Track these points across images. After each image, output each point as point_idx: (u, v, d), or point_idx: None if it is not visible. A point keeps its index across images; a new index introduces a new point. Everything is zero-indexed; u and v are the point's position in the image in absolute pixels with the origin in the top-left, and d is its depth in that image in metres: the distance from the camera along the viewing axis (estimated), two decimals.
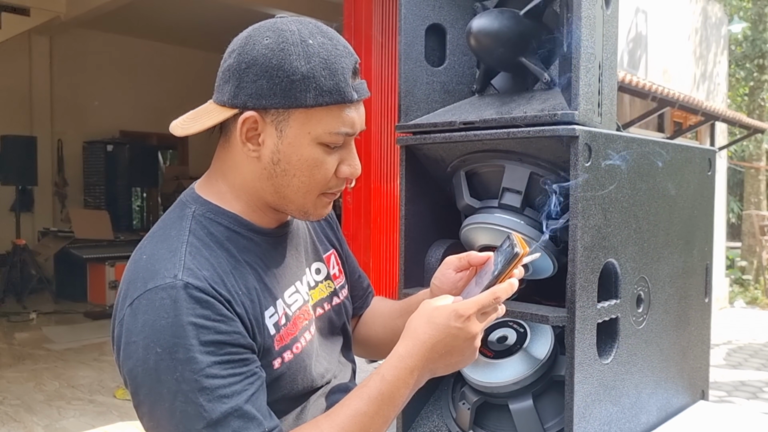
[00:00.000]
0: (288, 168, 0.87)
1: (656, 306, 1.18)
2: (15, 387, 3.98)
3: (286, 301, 0.94)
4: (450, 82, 1.23)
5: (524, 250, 0.85)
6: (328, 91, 0.83)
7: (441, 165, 1.19)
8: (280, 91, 0.82)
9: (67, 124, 7.87)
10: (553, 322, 1.00)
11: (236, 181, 0.91)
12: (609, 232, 1.04)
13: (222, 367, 0.78)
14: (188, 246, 0.84)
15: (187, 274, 0.80)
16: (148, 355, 0.77)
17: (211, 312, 0.79)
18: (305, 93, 0.82)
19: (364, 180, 3.23)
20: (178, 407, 0.76)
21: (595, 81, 1.06)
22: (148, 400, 0.78)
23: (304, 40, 0.84)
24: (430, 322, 0.83)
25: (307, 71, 0.82)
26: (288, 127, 0.85)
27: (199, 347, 0.76)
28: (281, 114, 0.84)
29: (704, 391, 1.38)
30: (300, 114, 0.84)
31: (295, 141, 0.85)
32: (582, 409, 0.99)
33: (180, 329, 0.76)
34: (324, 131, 0.85)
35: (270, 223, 0.96)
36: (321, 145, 0.86)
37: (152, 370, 0.76)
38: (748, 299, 8.92)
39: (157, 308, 0.78)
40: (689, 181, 1.29)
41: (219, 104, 0.87)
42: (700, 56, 7.77)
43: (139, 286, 0.80)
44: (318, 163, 0.87)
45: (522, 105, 1.08)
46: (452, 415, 1.18)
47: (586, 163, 0.98)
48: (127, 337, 0.79)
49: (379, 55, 3.16)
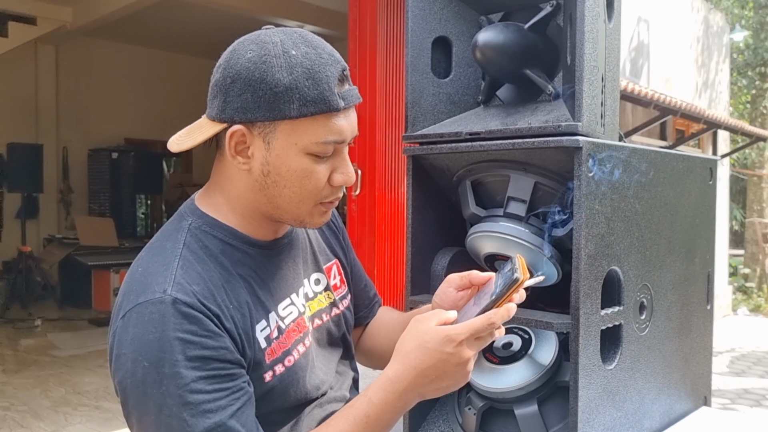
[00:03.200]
0: (278, 179, 0.87)
1: (659, 313, 1.20)
2: (21, 393, 4.00)
3: (279, 314, 0.94)
4: (456, 93, 1.25)
5: (525, 276, 0.83)
6: (312, 101, 0.83)
7: (447, 174, 1.22)
8: (264, 104, 0.83)
9: (73, 132, 7.93)
10: (557, 329, 1.02)
11: (232, 194, 0.92)
12: (612, 240, 1.06)
13: (207, 382, 0.79)
14: (181, 260, 0.85)
15: (176, 289, 0.81)
16: (136, 368, 0.78)
17: (198, 327, 0.80)
18: (289, 104, 0.82)
19: (369, 188, 3.26)
20: (163, 420, 0.77)
21: (598, 93, 1.09)
22: (136, 412, 0.80)
23: (287, 51, 0.84)
24: (422, 346, 0.82)
25: (290, 82, 0.82)
26: (275, 138, 0.85)
27: (184, 362, 0.78)
28: (267, 126, 0.84)
29: (707, 398, 1.40)
30: (286, 125, 0.84)
31: (282, 152, 0.85)
32: (586, 415, 1.01)
33: (166, 344, 0.78)
34: (311, 141, 0.85)
35: (267, 235, 0.96)
36: (309, 155, 0.86)
37: (139, 383, 0.78)
38: (751, 307, 8.90)
39: (145, 322, 0.79)
40: (691, 190, 1.31)
41: (209, 119, 0.88)
42: (702, 65, 7.80)
43: (132, 299, 0.82)
44: (307, 173, 0.87)
45: (526, 116, 1.11)
46: (458, 420, 1.20)
47: (589, 173, 1.01)
48: (117, 349, 0.81)
49: (384, 65, 3.20)
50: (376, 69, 3.17)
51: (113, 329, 0.83)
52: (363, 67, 3.26)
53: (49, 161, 7.30)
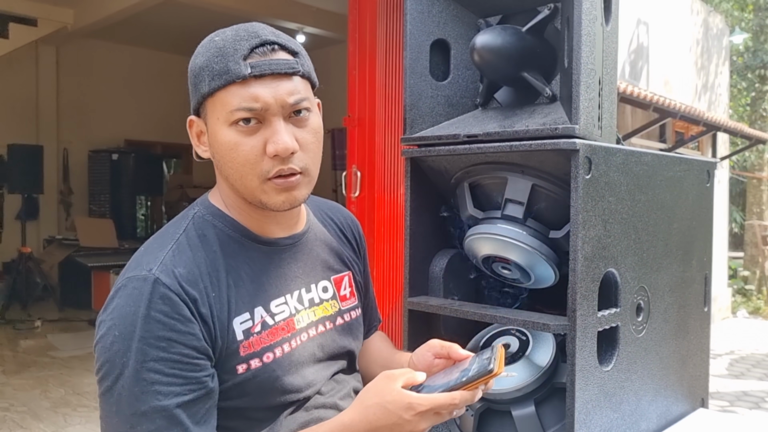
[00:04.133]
0: (219, 158, 0.91)
1: (656, 315, 1.21)
2: (21, 394, 4.01)
3: (270, 310, 0.95)
4: (454, 95, 1.26)
5: (499, 369, 0.84)
6: (218, 74, 0.87)
7: (445, 176, 1.22)
8: (192, 89, 0.91)
9: (73, 133, 7.94)
10: (554, 330, 1.03)
11: (222, 186, 0.98)
12: (609, 242, 1.07)
13: (167, 365, 0.82)
14: (176, 243, 0.90)
15: (160, 270, 0.85)
16: (107, 335, 0.83)
17: (171, 309, 0.83)
18: (203, 83, 0.89)
19: (368, 190, 3.26)
20: (116, 390, 0.82)
21: (596, 96, 1.09)
22: (99, 375, 0.84)
23: (212, 38, 0.91)
24: (382, 405, 0.83)
25: (203, 62, 0.89)
26: (208, 119, 0.91)
27: (150, 340, 0.81)
28: (203, 110, 0.92)
29: (704, 399, 1.40)
30: (209, 103, 0.90)
31: (213, 129, 0.90)
32: (583, 416, 1.01)
33: (139, 319, 0.82)
34: (226, 111, 0.87)
35: (271, 232, 0.98)
36: (232, 126, 0.87)
37: (107, 350, 0.83)
38: (750, 309, 8.90)
39: (127, 296, 0.84)
40: (688, 193, 1.32)
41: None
42: (702, 67, 7.81)
43: (124, 273, 0.88)
44: (233, 145, 0.88)
45: (524, 119, 1.12)
46: (456, 422, 1.20)
47: (586, 176, 1.01)
48: (101, 316, 0.86)
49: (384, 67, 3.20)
50: (375, 71, 3.18)
51: (110, 294, 0.89)
52: (363, 69, 3.26)
53: (49, 162, 7.30)
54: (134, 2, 5.82)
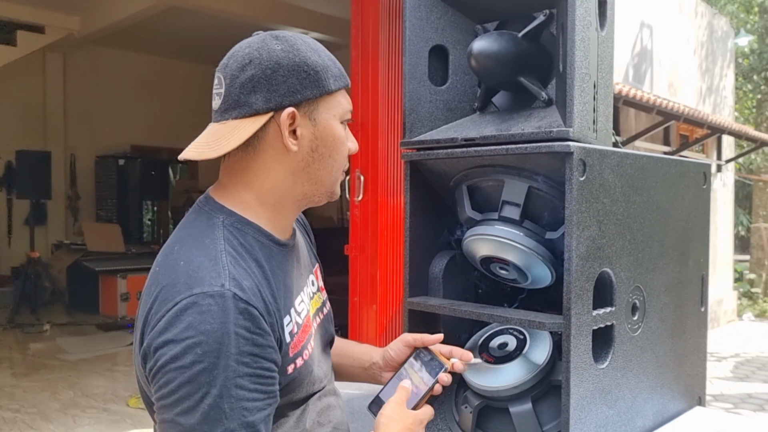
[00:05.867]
0: (325, 151, 0.97)
1: (651, 314, 1.23)
2: (31, 396, 4.05)
3: (297, 310, 1.00)
4: (452, 100, 1.29)
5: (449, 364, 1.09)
6: (340, 76, 0.98)
7: (444, 179, 1.25)
8: (309, 84, 0.94)
9: (80, 139, 8.00)
10: (549, 328, 1.05)
11: (265, 187, 0.96)
12: (604, 243, 1.09)
13: (251, 380, 0.82)
14: (227, 255, 0.88)
15: (233, 285, 0.84)
16: (186, 355, 0.80)
17: (252, 324, 0.84)
18: (328, 80, 0.95)
19: (371, 194, 3.29)
20: (201, 408, 0.79)
21: (590, 99, 1.12)
22: (174, 397, 0.81)
23: (303, 41, 0.97)
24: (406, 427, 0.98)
25: (323, 62, 0.96)
26: (319, 114, 0.96)
27: (236, 356, 0.81)
28: (311, 104, 0.95)
29: (701, 398, 1.42)
30: (325, 100, 0.96)
31: (327, 124, 0.97)
32: (578, 412, 1.04)
33: (225, 336, 0.81)
34: (344, 110, 0.99)
35: (284, 235, 1.01)
36: (342, 123, 0.99)
37: (186, 369, 0.80)
38: (756, 312, 8.87)
39: (203, 312, 0.81)
40: (684, 195, 1.34)
41: (247, 116, 0.92)
42: (707, 70, 7.81)
43: (182, 290, 0.84)
44: (343, 140, 1.00)
45: (520, 122, 1.14)
46: (455, 419, 1.23)
47: (581, 178, 1.04)
48: (165, 336, 0.82)
49: (386, 73, 3.23)
50: (378, 76, 3.21)
51: (156, 318, 0.84)
52: (365, 74, 3.29)
53: (57, 168, 7.36)
54: (140, 9, 5.88)
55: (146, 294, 0.90)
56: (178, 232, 0.97)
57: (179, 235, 0.96)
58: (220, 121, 0.94)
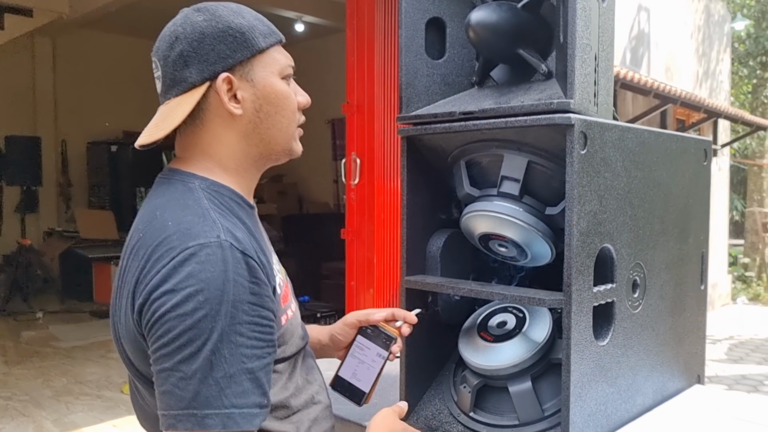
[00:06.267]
0: (270, 108, 0.97)
1: (652, 291, 1.21)
2: (23, 383, 4.02)
3: (276, 268, 1.00)
4: (450, 74, 1.26)
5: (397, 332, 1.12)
6: (269, 33, 0.98)
7: (441, 155, 1.22)
8: (238, 46, 0.94)
9: (71, 124, 7.92)
10: (549, 305, 1.03)
11: (222, 153, 0.97)
12: (605, 218, 1.07)
13: (250, 328, 0.82)
14: (213, 212, 0.89)
15: (229, 236, 0.85)
16: (187, 303, 0.79)
17: (249, 274, 0.84)
18: (256, 39, 0.95)
19: (368, 177, 3.26)
20: (203, 354, 0.79)
21: (591, 71, 1.09)
22: (175, 344, 0.79)
23: (225, 6, 0.97)
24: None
25: (248, 23, 0.95)
26: (255, 74, 0.95)
27: (237, 304, 0.81)
28: (245, 66, 0.95)
29: (700, 376, 1.41)
30: (258, 60, 0.96)
31: (266, 82, 0.96)
32: (578, 390, 1.02)
33: (226, 284, 0.81)
34: (282, 66, 0.98)
35: (250, 198, 1.02)
36: (283, 79, 0.98)
37: (188, 316, 0.79)
38: (750, 296, 8.92)
39: (202, 262, 0.81)
40: (684, 171, 1.32)
41: (184, 92, 0.93)
42: (703, 54, 7.78)
43: (177, 245, 0.83)
44: (287, 94, 0.99)
45: (520, 95, 1.12)
46: (453, 399, 1.21)
47: (582, 151, 1.01)
48: (164, 287, 0.81)
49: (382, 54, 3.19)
50: (374, 58, 3.17)
51: (151, 274, 0.83)
52: (361, 56, 3.25)
53: (47, 154, 7.30)
54: None
55: (133, 259, 0.89)
56: (153, 201, 0.95)
57: (155, 203, 0.94)
58: (164, 102, 0.96)
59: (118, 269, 0.95)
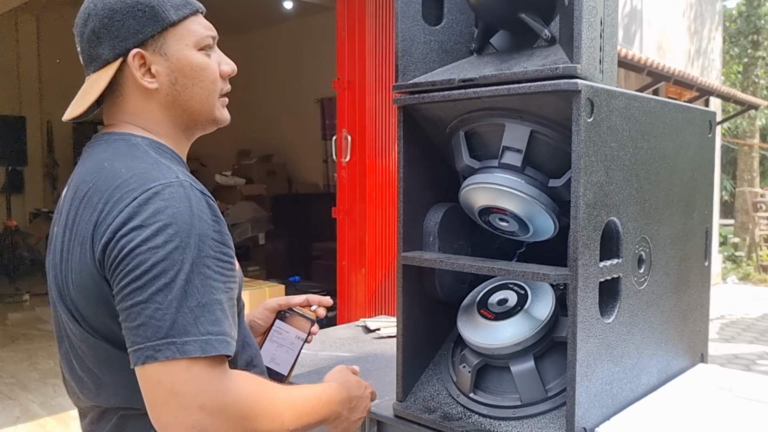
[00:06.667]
0: (186, 81, 0.96)
1: (657, 267, 1.17)
2: (9, 366, 3.97)
3: None
4: (448, 41, 1.20)
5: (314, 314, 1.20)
6: (182, 5, 0.96)
7: (439, 126, 1.17)
8: (147, 21, 0.93)
9: (57, 104, 7.74)
10: (554, 281, 0.98)
11: (147, 124, 0.97)
12: (611, 189, 1.02)
13: (215, 263, 0.84)
14: (164, 159, 0.91)
15: (185, 177, 0.87)
16: (157, 236, 0.80)
17: (211, 212, 0.86)
18: (167, 13, 0.94)
19: (359, 155, 3.20)
20: (177, 283, 0.79)
21: (597, 36, 1.04)
22: (148, 276, 0.79)
23: None
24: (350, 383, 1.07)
25: None
26: (168, 47, 0.95)
27: (203, 238, 0.83)
28: (158, 40, 0.94)
29: (703, 355, 1.38)
30: (171, 33, 0.95)
31: (180, 55, 0.96)
32: (584, 368, 0.98)
33: (192, 218, 0.83)
34: (198, 37, 0.97)
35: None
36: (200, 50, 0.97)
37: (160, 248, 0.80)
38: (740, 275, 8.97)
39: (167, 199, 0.83)
40: (690, 143, 1.27)
41: (101, 68, 0.95)
42: (695, 32, 7.72)
43: (137, 187, 0.84)
44: (205, 65, 0.98)
45: (522, 61, 1.06)
46: (452, 379, 1.17)
47: (588, 119, 0.96)
48: (131, 224, 0.81)
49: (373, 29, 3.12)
50: (365, 32, 3.09)
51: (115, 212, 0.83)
52: (352, 30, 3.18)
53: (33, 134, 7.17)
54: None
55: (85, 208, 0.87)
56: (96, 157, 0.93)
57: (100, 157, 0.93)
58: (86, 78, 0.98)
59: (58, 226, 0.94)
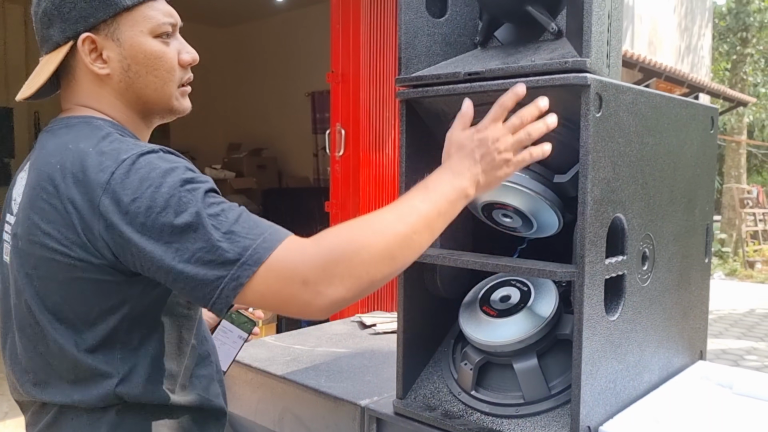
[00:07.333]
0: (140, 68, 0.93)
1: (660, 264, 1.16)
2: None
3: None
4: (452, 34, 1.18)
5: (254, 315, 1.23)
6: None
7: (443, 120, 1.15)
8: (99, 5, 0.89)
9: None
10: (561, 278, 0.97)
11: (103, 109, 0.93)
12: (617, 186, 1.01)
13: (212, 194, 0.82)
14: (128, 138, 0.88)
15: (154, 145, 0.85)
16: (159, 196, 0.78)
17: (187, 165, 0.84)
18: None
19: (353, 149, 3.18)
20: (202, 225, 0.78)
21: (605, 30, 1.02)
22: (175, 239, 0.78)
23: None
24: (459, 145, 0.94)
25: None
26: (122, 33, 0.91)
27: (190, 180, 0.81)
28: (110, 25, 0.91)
29: (702, 352, 1.37)
30: (126, 18, 0.91)
31: (134, 42, 0.92)
32: (589, 366, 0.97)
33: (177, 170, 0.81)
34: (154, 24, 0.93)
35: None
36: (156, 38, 0.93)
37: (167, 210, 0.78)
38: (727, 271, 9.05)
39: (144, 165, 0.80)
40: (693, 138, 1.27)
41: (53, 50, 0.91)
42: (686, 28, 7.75)
43: (110, 164, 0.81)
44: (161, 54, 0.94)
45: (529, 55, 1.05)
46: (453, 376, 1.16)
47: (597, 114, 0.95)
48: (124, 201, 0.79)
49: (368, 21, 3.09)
50: (359, 25, 3.07)
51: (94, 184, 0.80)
52: (346, 22, 3.15)
53: (20, 126, 7.07)
54: None
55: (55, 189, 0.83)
56: (58, 140, 0.89)
57: (63, 140, 0.88)
58: (40, 59, 0.95)
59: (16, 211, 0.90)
